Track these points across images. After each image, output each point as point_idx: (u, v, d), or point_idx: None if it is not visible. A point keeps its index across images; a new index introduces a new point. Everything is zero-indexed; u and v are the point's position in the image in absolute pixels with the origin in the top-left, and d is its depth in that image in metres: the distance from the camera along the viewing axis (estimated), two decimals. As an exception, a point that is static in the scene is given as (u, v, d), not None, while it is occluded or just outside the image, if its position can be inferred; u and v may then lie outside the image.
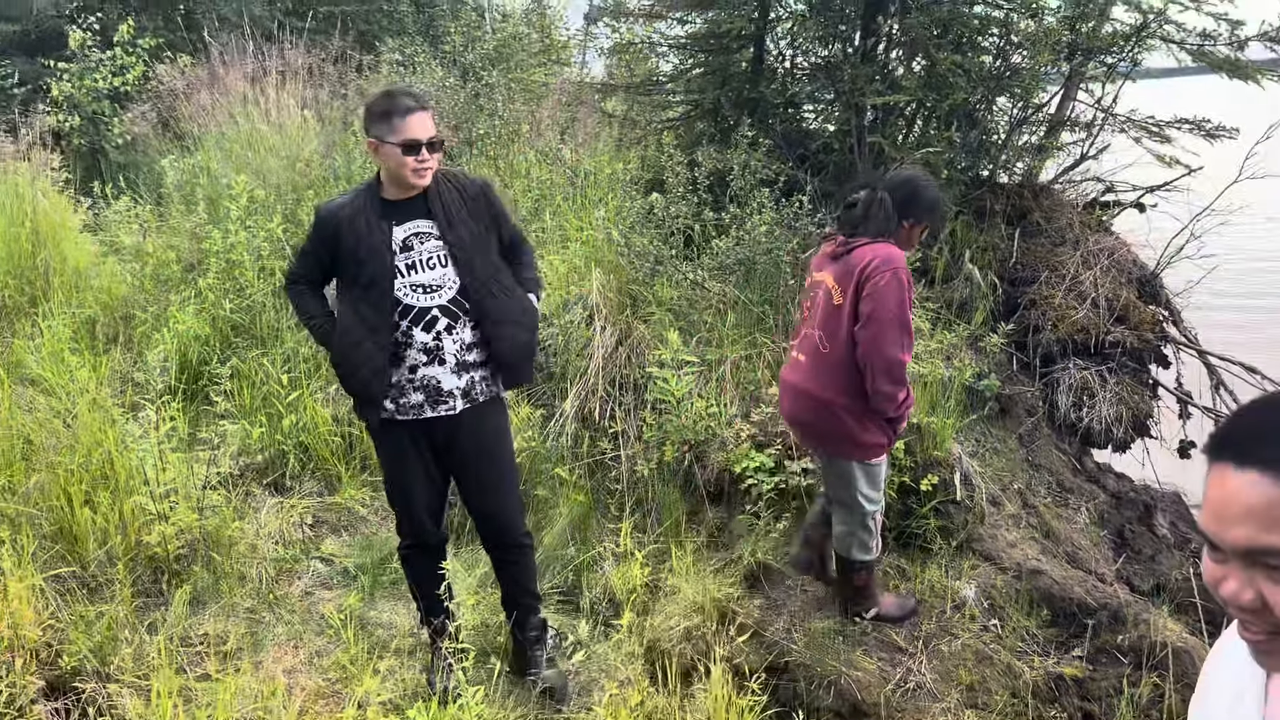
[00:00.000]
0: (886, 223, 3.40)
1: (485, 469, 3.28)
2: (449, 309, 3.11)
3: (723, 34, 6.95)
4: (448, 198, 3.15)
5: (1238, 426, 1.03)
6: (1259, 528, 0.96)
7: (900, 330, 3.32)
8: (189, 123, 8.76)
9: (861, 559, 3.70)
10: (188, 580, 3.99)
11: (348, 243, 3.07)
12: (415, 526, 3.33)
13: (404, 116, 2.98)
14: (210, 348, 5.57)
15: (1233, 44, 6.19)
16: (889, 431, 3.51)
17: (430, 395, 3.13)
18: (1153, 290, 6.05)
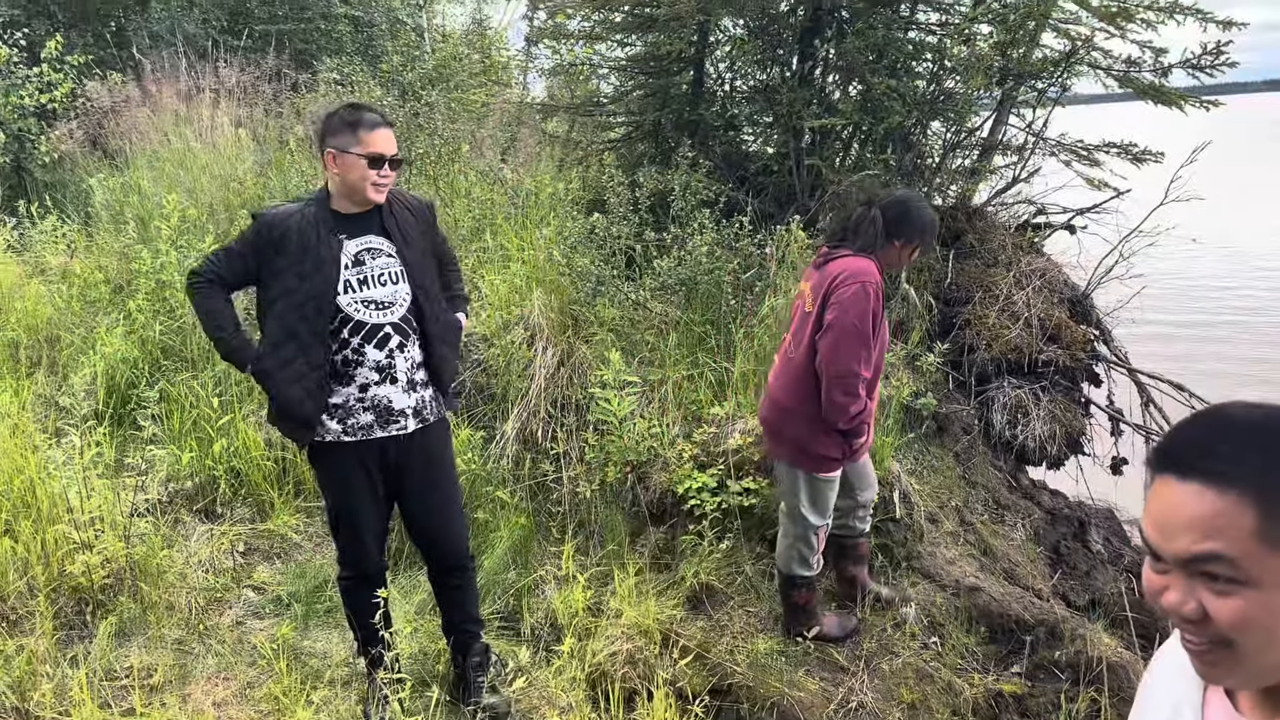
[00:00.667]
0: (874, 239, 3.44)
1: (433, 490, 3.21)
2: (401, 326, 3.06)
3: (662, 56, 7.00)
4: (400, 214, 3.11)
5: (1179, 439, 1.04)
6: (1201, 536, 0.97)
7: (858, 342, 3.35)
8: (119, 141, 8.56)
9: (801, 574, 3.73)
10: (113, 611, 3.85)
11: (292, 253, 2.94)
12: (362, 555, 3.21)
13: (371, 130, 2.94)
14: (139, 371, 5.42)
15: (1156, 71, 6.39)
16: (843, 446, 3.52)
17: (381, 415, 3.05)
18: (1084, 310, 6.19)
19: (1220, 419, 1.02)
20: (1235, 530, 0.96)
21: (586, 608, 3.91)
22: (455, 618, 3.38)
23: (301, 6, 12.97)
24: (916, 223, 3.46)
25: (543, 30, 9.19)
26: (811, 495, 3.61)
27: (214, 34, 11.78)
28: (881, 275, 3.48)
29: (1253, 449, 0.98)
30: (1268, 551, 0.95)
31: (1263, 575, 0.96)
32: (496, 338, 5.19)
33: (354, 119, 2.97)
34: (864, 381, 3.40)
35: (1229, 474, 0.97)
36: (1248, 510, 0.96)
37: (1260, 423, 1.00)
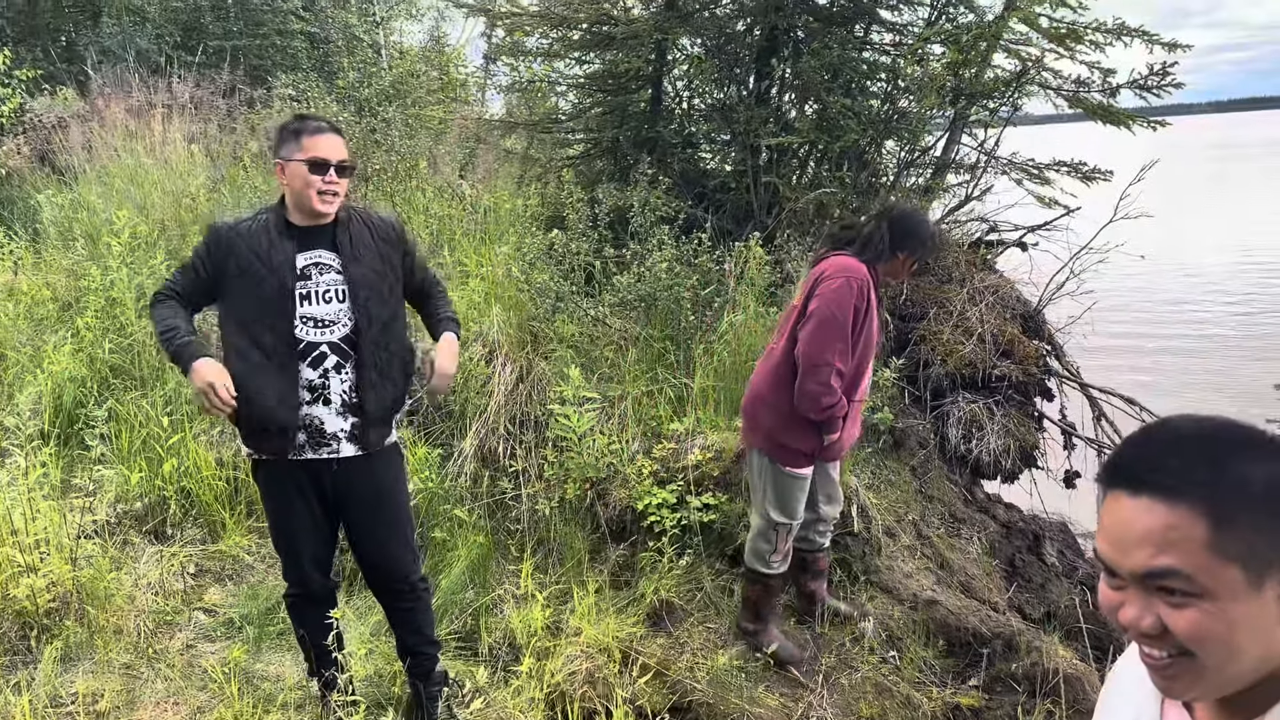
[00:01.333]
0: (881, 251, 3.49)
1: (375, 517, 3.10)
2: (340, 347, 2.94)
3: (621, 74, 7.03)
4: (356, 231, 3.00)
5: (1130, 454, 1.05)
6: (1155, 550, 0.98)
7: (836, 333, 3.38)
8: (68, 156, 8.41)
9: (756, 569, 3.76)
10: (59, 636, 3.75)
11: (244, 259, 2.86)
12: (300, 575, 3.15)
13: (313, 135, 2.86)
14: (87, 390, 5.30)
15: (1105, 91, 6.53)
16: (814, 441, 3.53)
17: (313, 436, 2.94)
18: (1036, 326, 6.29)
19: (1168, 433, 1.03)
20: (1188, 543, 0.97)
21: (545, 627, 3.88)
22: (410, 640, 3.30)
23: (257, 22, 12.88)
24: (921, 236, 3.51)
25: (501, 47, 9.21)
26: (778, 490, 3.63)
27: (167, 49, 11.65)
28: (877, 281, 3.51)
29: (1201, 461, 0.99)
30: (1221, 563, 0.96)
31: (1218, 587, 0.97)
32: (454, 355, 5.14)
33: (298, 127, 2.91)
34: (838, 374, 3.41)
35: (1178, 487, 0.98)
36: (1199, 522, 0.96)
37: (1207, 435, 1.01)
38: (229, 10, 13.09)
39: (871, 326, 3.50)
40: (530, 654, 3.64)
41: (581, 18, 7.13)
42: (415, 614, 3.28)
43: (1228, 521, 0.96)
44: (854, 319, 3.41)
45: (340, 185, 2.90)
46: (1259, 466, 0.98)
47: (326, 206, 2.89)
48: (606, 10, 7.12)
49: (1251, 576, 0.97)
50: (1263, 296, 16.38)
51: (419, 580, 3.27)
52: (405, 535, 3.19)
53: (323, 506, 3.06)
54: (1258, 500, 0.97)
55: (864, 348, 3.51)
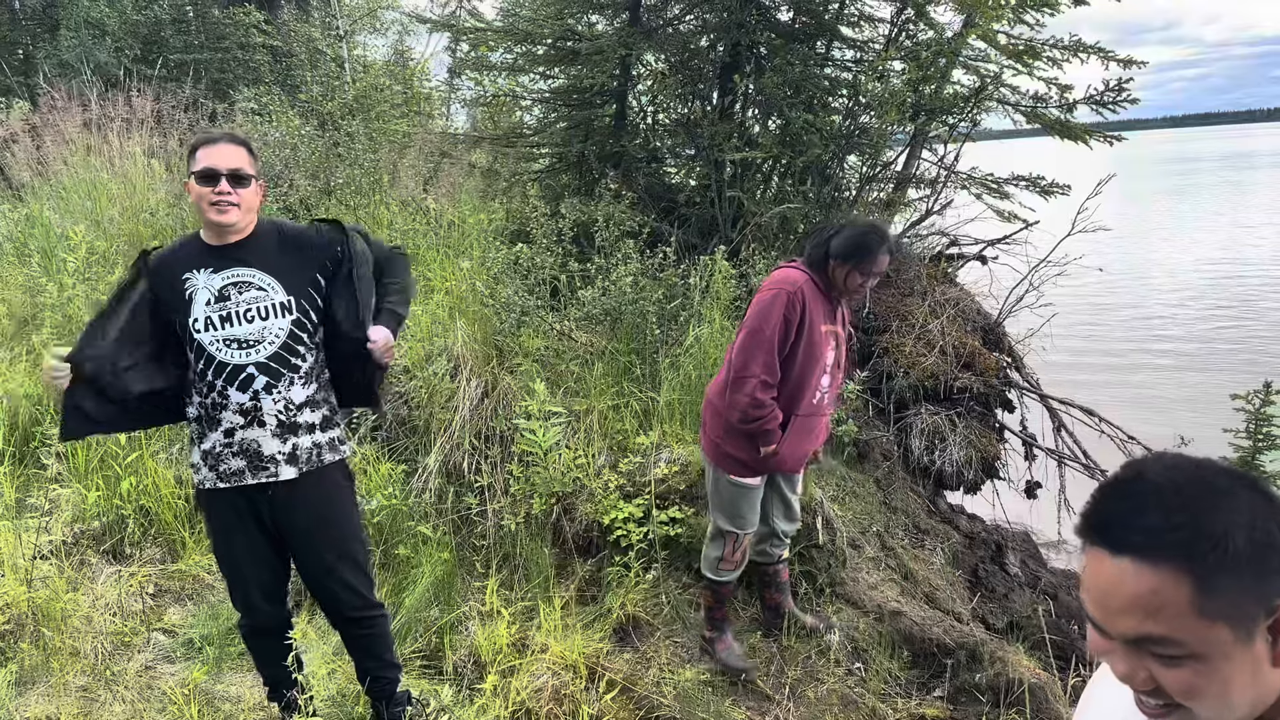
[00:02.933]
0: (815, 258, 3.51)
1: (323, 545, 2.99)
2: (268, 366, 2.83)
3: (585, 89, 7.05)
4: (269, 243, 2.90)
5: (1106, 510, 1.03)
6: (1142, 617, 0.97)
7: (758, 344, 3.40)
8: (23, 171, 8.28)
9: (705, 573, 3.81)
10: (13, 659, 3.67)
11: (160, 293, 2.84)
12: (247, 605, 3.05)
13: (205, 147, 2.79)
14: (43, 408, 5.20)
15: (1062, 106, 6.64)
16: (748, 452, 3.54)
17: (251, 460, 2.85)
18: (996, 338, 6.37)
19: (1143, 486, 1.01)
20: (1174, 608, 0.96)
21: (511, 644, 3.86)
22: (368, 665, 3.21)
23: (219, 36, 12.77)
24: (854, 244, 3.47)
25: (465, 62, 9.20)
26: (723, 497, 3.68)
27: (126, 63, 11.52)
28: (825, 293, 3.52)
29: (1179, 519, 0.97)
30: (1208, 624, 0.96)
31: (1207, 648, 0.96)
32: (419, 369, 5.12)
33: (194, 143, 2.85)
34: (764, 385, 3.42)
35: (1159, 549, 0.97)
36: (1182, 584, 0.95)
37: (1183, 487, 0.99)
38: (190, 24, 12.98)
39: (811, 338, 3.46)
40: (495, 671, 3.62)
41: (546, 33, 7.15)
42: (372, 640, 3.19)
43: (1211, 584, 0.95)
44: (785, 330, 3.41)
45: (235, 195, 2.78)
46: (1238, 517, 0.96)
47: (221, 216, 2.78)
48: (571, 26, 7.15)
49: (1240, 633, 0.96)
50: (1221, 307, 16.71)
51: (373, 606, 3.16)
52: (355, 560, 3.08)
53: (265, 535, 2.96)
54: (1240, 557, 0.95)
55: (804, 360, 3.47)
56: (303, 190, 7.35)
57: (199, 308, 2.81)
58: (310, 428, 2.92)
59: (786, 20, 6.80)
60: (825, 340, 3.54)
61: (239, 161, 2.79)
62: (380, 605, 3.22)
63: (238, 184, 2.79)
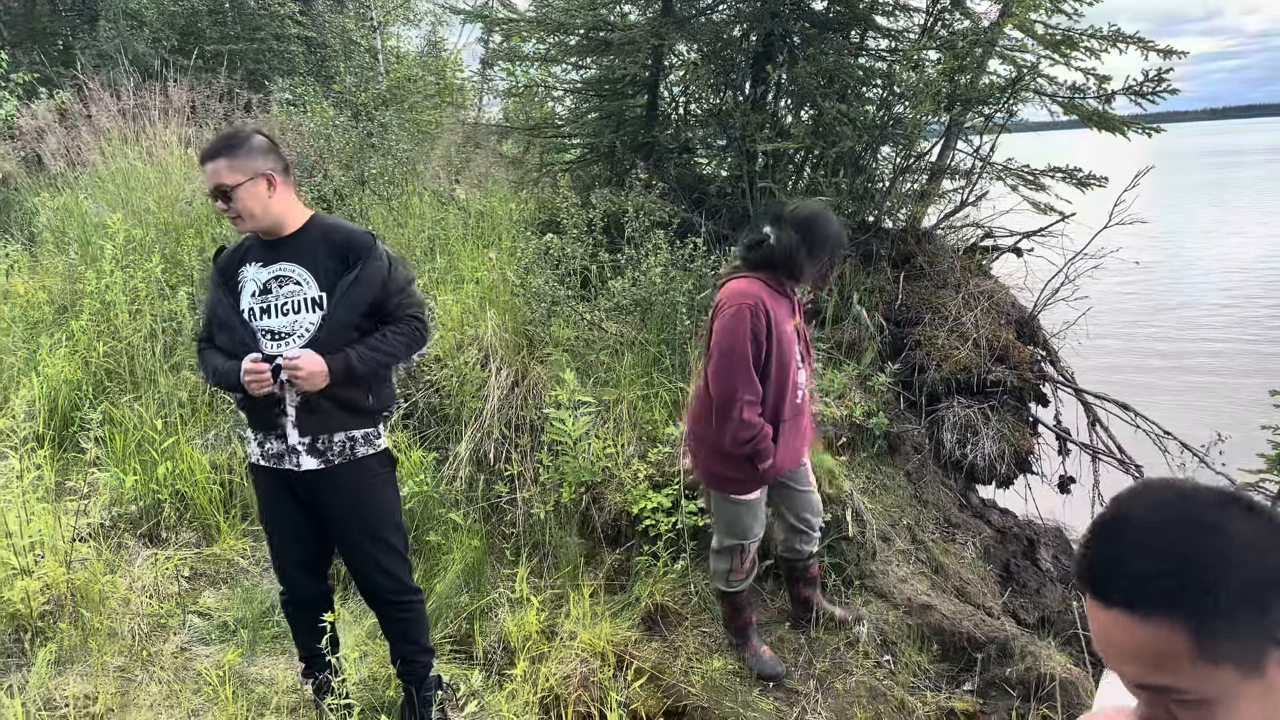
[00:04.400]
0: (793, 265, 3.38)
1: (355, 528, 3.07)
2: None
3: (617, 79, 7.05)
4: (316, 240, 2.95)
5: (1095, 557, 0.99)
6: (1145, 669, 0.96)
7: (737, 365, 3.31)
8: (63, 160, 8.41)
9: (717, 586, 3.76)
10: (53, 638, 3.74)
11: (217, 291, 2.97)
12: (285, 576, 3.20)
13: (201, 166, 2.89)
14: (82, 392, 5.30)
15: (1100, 97, 6.54)
16: (745, 471, 3.48)
17: (285, 447, 2.97)
18: (1031, 331, 6.30)
19: (1127, 529, 0.98)
20: (1173, 660, 0.93)
21: (540, 631, 3.88)
22: (403, 648, 3.28)
23: (254, 26, 12.89)
24: (821, 237, 3.38)
25: (498, 52, 9.22)
26: (725, 515, 3.62)
27: (163, 53, 11.65)
28: (784, 293, 3.45)
29: (1165, 565, 0.94)
30: (1212, 668, 0.93)
31: (1216, 691, 0.94)
32: (450, 358, 5.15)
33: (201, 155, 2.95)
34: (749, 404, 3.35)
35: (1147, 600, 0.94)
36: (1178, 635, 0.93)
37: (1167, 528, 0.96)
38: (226, 15, 13.10)
39: (782, 344, 3.38)
40: (525, 658, 3.64)
41: (578, 23, 7.15)
42: (408, 624, 3.26)
43: (1208, 632, 0.92)
44: (755, 346, 3.32)
45: (229, 210, 2.84)
46: (1230, 555, 0.93)
47: (239, 225, 2.89)
48: (603, 16, 7.14)
49: (1247, 668, 0.94)
50: (1260, 303, 16.42)
51: (410, 591, 3.24)
52: (392, 545, 3.14)
53: (303, 513, 3.07)
54: (1236, 600, 0.92)
55: (779, 367, 3.40)
56: (336, 180, 7.40)
57: (245, 299, 2.93)
58: (344, 421, 2.96)
59: (820, 9, 6.75)
60: (792, 337, 3.46)
61: (219, 177, 2.82)
62: (417, 590, 3.29)
63: (223, 199, 2.84)
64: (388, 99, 9.52)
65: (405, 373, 5.19)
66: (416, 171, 7.53)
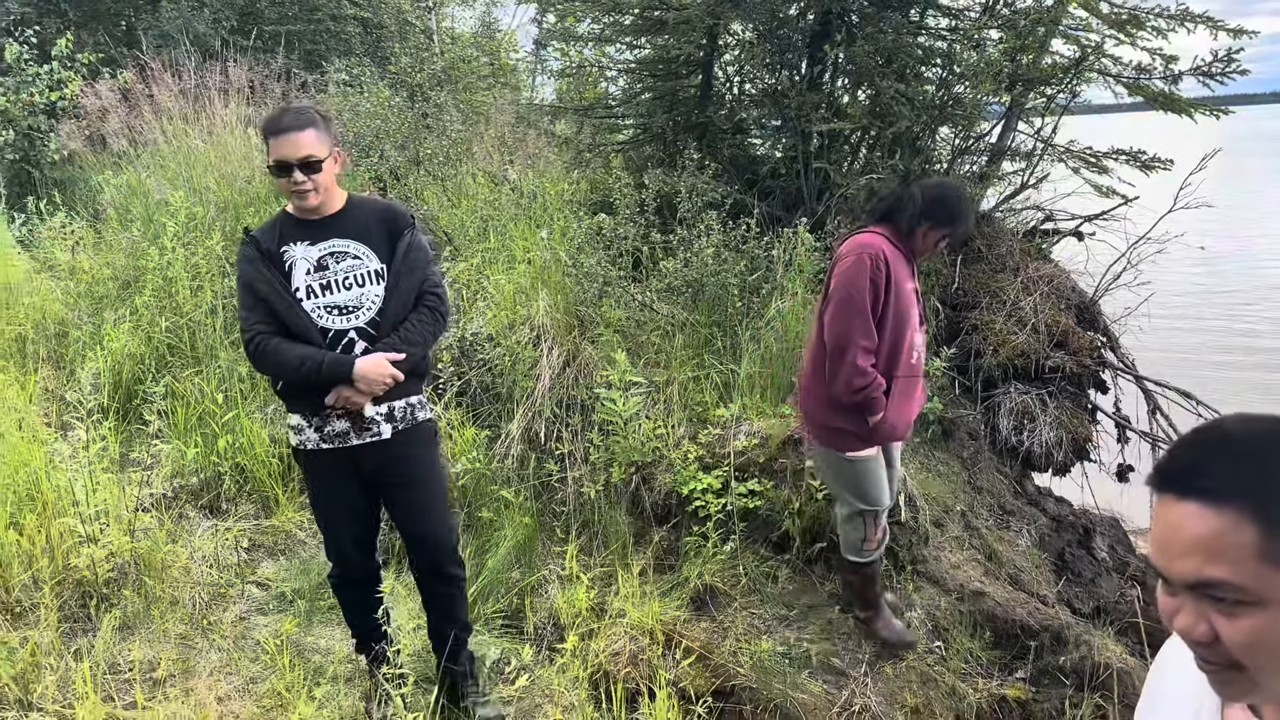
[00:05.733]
0: (904, 219, 3.41)
1: (415, 496, 3.13)
2: (367, 331, 2.95)
3: (671, 60, 7.01)
4: (367, 214, 3.01)
5: (1178, 458, 1.03)
6: (1204, 560, 0.97)
7: (854, 312, 3.32)
8: (126, 139, 8.58)
9: (849, 558, 3.70)
10: (117, 605, 3.84)
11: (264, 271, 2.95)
12: (339, 555, 3.22)
13: (276, 137, 2.84)
14: (145, 366, 5.42)
15: (1167, 78, 6.37)
16: (857, 423, 3.46)
17: (355, 422, 2.98)
18: (1091, 317, 6.17)
19: (1217, 435, 1.02)
20: (1237, 551, 0.95)
21: (589, 608, 3.91)
22: (441, 625, 3.32)
23: (311, 8, 13.03)
24: (949, 208, 3.40)
25: (552, 32, 9.22)
26: (845, 477, 3.58)
27: (223, 34, 11.83)
28: (908, 252, 3.45)
29: (1248, 463, 0.97)
30: (1272, 569, 0.95)
31: (1270, 593, 0.95)
32: (502, 337, 5.18)
33: (265, 128, 2.90)
34: (865, 352, 3.35)
35: (1225, 491, 0.97)
36: (1246, 527, 0.95)
37: (1257, 436, 0.99)
38: (284, -5, 13.27)
39: (900, 299, 3.40)
40: (575, 633, 3.67)
41: (633, 3, 7.12)
42: (450, 599, 3.30)
43: (1276, 529, 0.94)
44: (874, 294, 3.33)
45: (310, 182, 2.84)
46: None
47: (301, 202, 2.88)
48: (658, -5, 7.10)
49: None
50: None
51: (458, 564, 3.30)
52: (442, 514, 3.23)
53: (362, 490, 3.11)
54: None
55: (896, 321, 3.40)
56: (392, 160, 7.47)
57: (299, 277, 2.93)
58: (404, 389, 3.02)
59: (879, -13, 6.63)
60: (911, 298, 3.46)
61: (307, 148, 2.83)
62: (462, 564, 3.33)
63: (310, 170, 2.84)
64: (442, 79, 9.59)
65: (459, 350, 5.24)
66: (470, 152, 7.57)
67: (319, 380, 2.88)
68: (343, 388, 2.89)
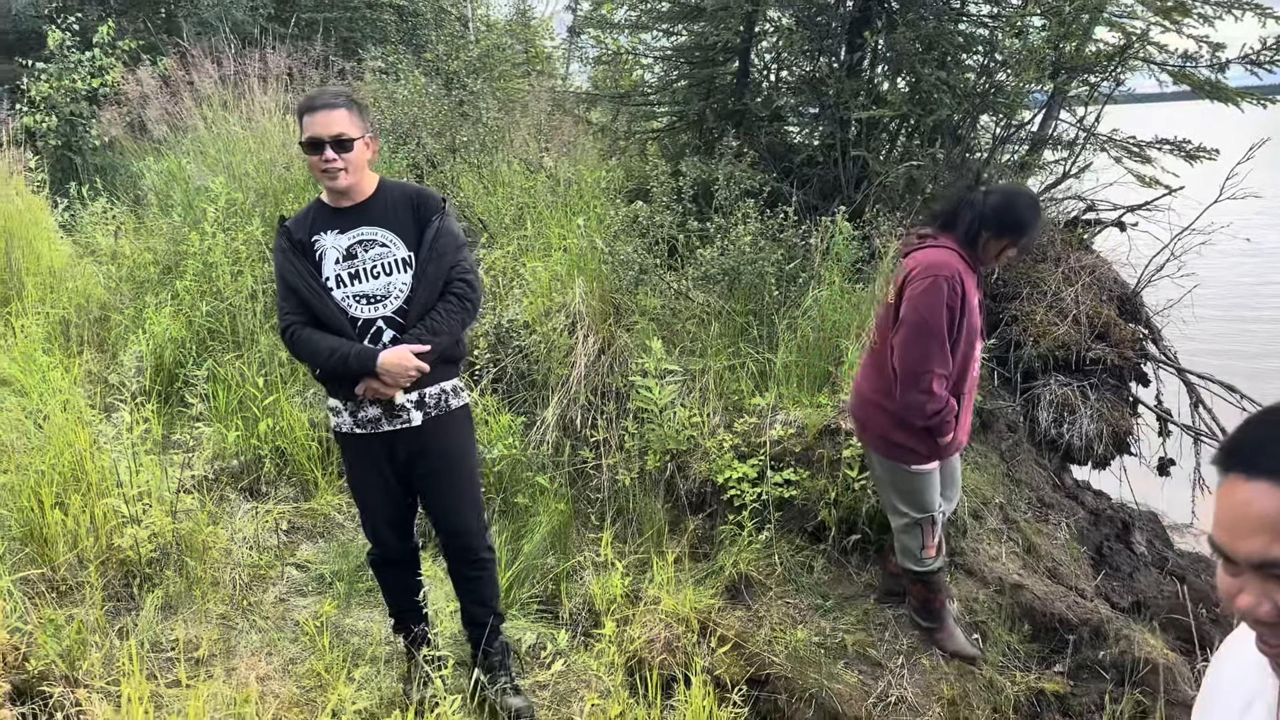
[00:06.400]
0: (967, 227, 3.31)
1: (446, 485, 3.17)
2: (395, 320, 2.98)
3: (708, 46, 6.96)
4: (396, 200, 3.02)
5: (1246, 437, 1.03)
6: (1272, 539, 0.96)
7: (929, 339, 3.26)
8: (166, 125, 8.66)
9: (908, 567, 3.66)
10: (159, 585, 3.90)
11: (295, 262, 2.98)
12: (376, 536, 3.28)
13: (310, 114, 2.89)
14: (186, 350, 5.49)
15: (1213, 66, 6.25)
16: (927, 442, 3.42)
17: (385, 409, 3.01)
18: (1133, 308, 6.07)
19: None
20: None
21: (624, 595, 3.92)
22: (474, 611, 3.35)
23: (348, -6, 13.09)
24: (1017, 220, 3.27)
25: (587, 20, 9.19)
26: (903, 488, 3.54)
27: (261, 21, 11.91)
28: (972, 266, 3.36)
29: None
30: None
31: None
32: (538, 324, 5.19)
33: (299, 108, 2.94)
34: (939, 378, 3.29)
35: None
36: None
37: None
38: (321, -18, 13.32)
39: (970, 319, 3.34)
40: (610, 620, 3.68)
41: (670, -11, 7.08)
42: (480, 583, 3.32)
43: None
44: (950, 319, 3.26)
45: (340, 161, 2.86)
46: None
47: (332, 182, 2.91)
48: (696, -19, 7.05)
49: None
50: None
51: (488, 549, 3.32)
52: (474, 500, 3.26)
53: (396, 474, 3.14)
54: None
55: (966, 341, 3.36)
56: (429, 148, 7.49)
57: (329, 266, 2.96)
58: (436, 375, 3.03)
59: (920, -27, 6.55)
60: (978, 312, 3.40)
61: (340, 126, 2.87)
62: (492, 550, 3.36)
63: (341, 149, 2.86)
64: (478, 67, 9.59)
65: (495, 337, 5.26)
66: (508, 140, 7.58)
67: (346, 372, 2.93)
68: (369, 380, 2.92)
